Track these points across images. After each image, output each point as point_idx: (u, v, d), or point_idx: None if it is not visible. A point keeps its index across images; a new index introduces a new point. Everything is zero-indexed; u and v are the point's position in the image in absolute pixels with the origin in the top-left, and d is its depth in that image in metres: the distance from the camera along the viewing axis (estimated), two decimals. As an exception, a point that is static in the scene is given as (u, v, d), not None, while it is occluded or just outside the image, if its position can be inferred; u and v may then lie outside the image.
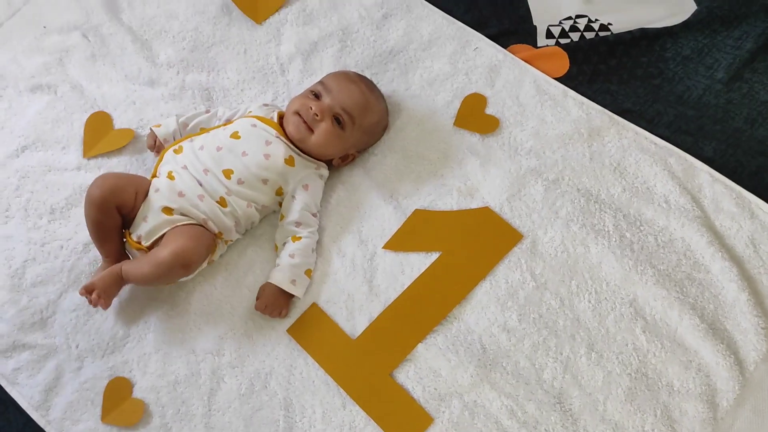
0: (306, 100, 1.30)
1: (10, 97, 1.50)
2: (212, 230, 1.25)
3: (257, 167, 1.27)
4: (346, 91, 1.30)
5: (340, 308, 1.27)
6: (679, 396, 1.17)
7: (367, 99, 1.32)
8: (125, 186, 1.25)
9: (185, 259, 1.19)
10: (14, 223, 1.38)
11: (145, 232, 1.24)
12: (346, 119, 1.29)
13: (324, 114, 1.28)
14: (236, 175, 1.26)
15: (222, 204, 1.25)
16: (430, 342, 1.23)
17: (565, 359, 1.20)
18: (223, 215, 1.25)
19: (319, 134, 1.29)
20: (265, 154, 1.28)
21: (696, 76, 1.42)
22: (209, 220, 1.24)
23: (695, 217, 1.28)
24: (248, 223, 1.30)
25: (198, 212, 1.24)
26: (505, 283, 1.26)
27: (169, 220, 1.23)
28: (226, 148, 1.27)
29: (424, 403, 1.19)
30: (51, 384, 1.25)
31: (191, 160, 1.27)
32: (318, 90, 1.31)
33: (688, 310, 1.21)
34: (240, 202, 1.26)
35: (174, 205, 1.24)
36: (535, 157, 1.36)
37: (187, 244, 1.19)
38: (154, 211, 1.23)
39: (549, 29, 1.49)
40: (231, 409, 1.21)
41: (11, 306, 1.31)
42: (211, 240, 1.24)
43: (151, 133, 1.38)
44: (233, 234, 1.29)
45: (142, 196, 1.26)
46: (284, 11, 1.54)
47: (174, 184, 1.25)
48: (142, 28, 1.55)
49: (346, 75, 1.35)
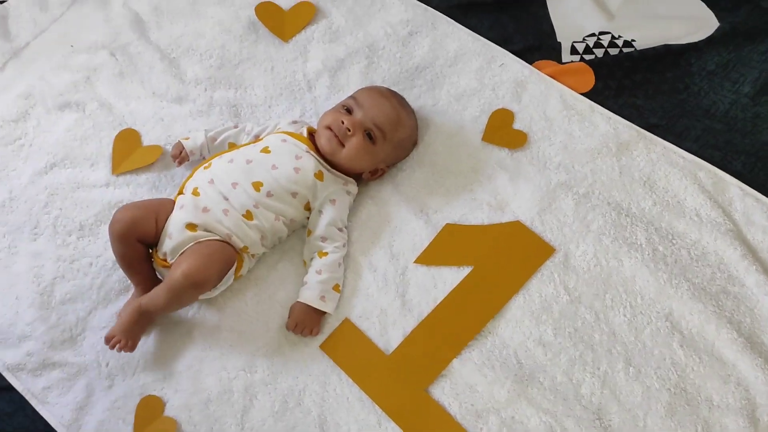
0: (338, 115, 1.31)
1: (39, 115, 1.51)
2: (236, 245, 1.25)
3: (287, 180, 1.27)
4: (377, 106, 1.31)
5: (373, 323, 1.26)
6: (719, 411, 1.15)
7: (398, 114, 1.33)
8: (144, 216, 1.25)
9: (195, 279, 1.18)
10: (43, 240, 1.37)
11: (169, 249, 1.23)
12: (377, 134, 1.30)
13: (355, 128, 1.29)
14: (266, 188, 1.26)
15: (248, 217, 1.25)
16: (465, 357, 1.22)
17: (603, 374, 1.19)
18: (248, 228, 1.25)
19: (350, 148, 1.29)
20: (296, 167, 1.28)
21: (722, 90, 1.43)
22: (233, 234, 1.24)
23: (727, 231, 1.28)
24: (275, 237, 1.30)
25: (222, 227, 1.23)
26: (538, 297, 1.25)
27: (192, 236, 1.23)
28: (256, 162, 1.28)
29: (461, 419, 1.18)
30: (82, 402, 1.24)
31: (219, 174, 1.28)
32: (350, 104, 1.32)
33: (725, 324, 1.20)
34: (268, 215, 1.26)
35: (197, 221, 1.23)
36: (565, 172, 1.36)
37: (197, 263, 1.18)
38: (178, 228, 1.23)
39: (573, 45, 1.50)
40: (265, 427, 1.20)
41: (41, 323, 1.30)
42: (230, 255, 1.23)
43: (178, 144, 1.39)
44: (259, 248, 1.28)
45: (164, 219, 1.26)
46: (310, 29, 1.56)
47: (198, 200, 1.25)
48: (169, 47, 1.56)
49: (377, 90, 1.36)
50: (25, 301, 1.32)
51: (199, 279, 1.18)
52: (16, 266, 1.36)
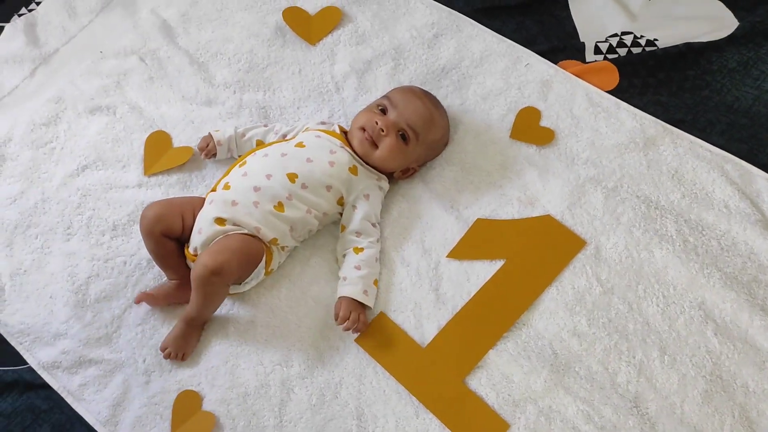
0: (372, 115, 1.32)
1: (69, 119, 1.53)
2: (265, 237, 1.25)
3: (321, 173, 1.28)
4: (411, 107, 1.32)
5: (408, 317, 1.27)
6: (755, 397, 1.16)
7: (431, 115, 1.35)
8: (168, 212, 1.27)
9: (212, 267, 1.17)
10: (77, 240, 1.39)
11: (199, 244, 1.25)
12: (410, 135, 1.31)
13: (389, 129, 1.31)
14: (300, 180, 1.27)
15: (279, 209, 1.25)
16: (500, 348, 1.23)
17: (639, 363, 1.20)
18: (278, 220, 1.25)
19: (383, 149, 1.31)
20: (330, 161, 1.30)
21: (743, 87, 1.45)
22: (262, 227, 1.24)
23: (756, 221, 1.29)
24: (305, 230, 1.30)
25: (251, 220, 1.24)
26: (571, 289, 1.26)
27: (221, 230, 1.24)
28: (291, 155, 1.30)
29: (499, 409, 1.18)
30: (119, 399, 1.24)
31: (254, 167, 1.29)
32: (384, 105, 1.34)
33: (758, 312, 1.21)
34: (300, 207, 1.27)
35: (226, 215, 1.24)
36: (593, 167, 1.38)
37: (215, 252, 1.20)
38: (207, 223, 1.25)
39: (597, 45, 1.53)
40: (303, 420, 1.20)
41: (76, 322, 1.31)
42: (255, 248, 1.23)
43: (207, 135, 1.41)
44: (288, 239, 1.28)
45: (191, 216, 1.28)
46: (337, 33, 1.59)
47: (228, 194, 1.27)
48: (198, 52, 1.59)
49: (411, 90, 1.37)
50: (60, 300, 1.33)
51: (216, 266, 1.17)
52: (50, 266, 1.37)
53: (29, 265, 1.37)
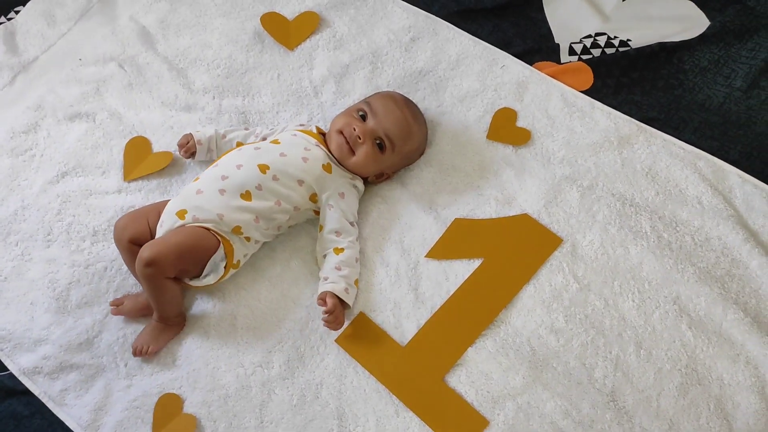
0: (351, 120, 1.33)
1: (49, 126, 1.53)
2: (228, 225, 1.24)
3: (294, 168, 1.29)
4: (391, 116, 1.33)
5: (387, 317, 1.28)
6: (730, 389, 1.18)
7: (410, 127, 1.36)
8: (134, 219, 1.29)
9: (147, 259, 1.18)
10: (57, 246, 1.39)
11: (160, 235, 1.26)
12: (387, 144, 1.33)
13: (366, 137, 1.32)
14: (272, 171, 1.28)
15: (246, 198, 1.26)
16: (479, 346, 1.24)
17: (615, 358, 1.21)
18: (242, 209, 1.25)
19: (359, 156, 1.32)
20: (304, 157, 1.31)
21: (715, 85, 1.48)
22: (224, 214, 1.24)
23: (729, 216, 1.31)
24: (273, 223, 1.29)
25: (213, 206, 1.24)
26: (548, 286, 1.28)
27: (181, 223, 1.24)
28: (264, 149, 1.31)
29: (478, 406, 1.19)
30: (100, 403, 1.24)
31: (226, 159, 1.31)
32: (364, 110, 1.34)
33: (732, 305, 1.23)
34: (269, 197, 1.27)
35: (187, 205, 1.25)
36: (569, 166, 1.40)
37: (154, 245, 1.21)
38: (169, 215, 1.26)
39: (571, 46, 1.55)
40: (284, 421, 1.21)
41: (56, 327, 1.31)
42: (206, 242, 1.22)
43: (188, 134, 1.42)
44: (253, 230, 1.27)
45: (157, 218, 1.28)
46: (315, 38, 1.60)
47: (195, 184, 1.29)
48: (177, 58, 1.60)
49: (392, 98, 1.37)
50: (40, 306, 1.33)
51: (149, 258, 1.18)
52: (31, 273, 1.37)
53: (9, 272, 1.37)
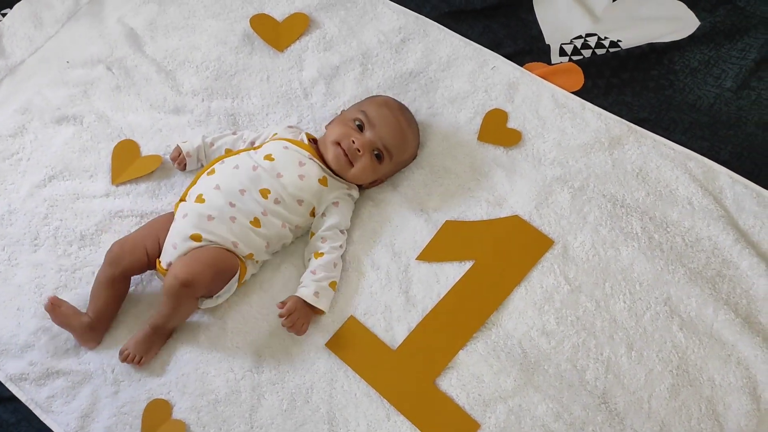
0: (348, 131, 1.32)
1: (36, 129, 1.52)
2: (241, 253, 1.26)
3: (293, 188, 1.28)
4: (388, 127, 1.32)
5: (378, 320, 1.27)
6: (721, 390, 1.18)
7: (406, 137, 1.35)
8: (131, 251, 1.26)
9: (183, 279, 1.18)
10: (44, 251, 1.37)
11: (173, 258, 1.24)
12: (385, 155, 1.32)
13: (365, 149, 1.30)
14: (273, 195, 1.27)
15: (255, 224, 1.26)
16: (470, 349, 1.23)
17: (606, 359, 1.21)
18: (255, 235, 1.26)
19: (358, 168, 1.31)
20: (300, 174, 1.30)
21: (705, 86, 1.48)
22: (239, 242, 1.25)
23: (719, 217, 1.31)
24: (279, 243, 1.31)
25: (228, 235, 1.24)
26: (540, 288, 1.27)
27: (196, 246, 1.23)
28: (262, 169, 1.29)
29: (469, 409, 1.19)
30: (87, 410, 1.23)
31: (226, 180, 1.28)
32: (361, 120, 1.33)
33: (722, 306, 1.23)
34: (275, 222, 1.27)
35: (202, 230, 1.24)
36: (559, 167, 1.39)
37: (187, 264, 1.20)
38: (183, 239, 1.24)
39: (562, 47, 1.55)
40: (274, 426, 1.20)
41: (43, 333, 1.29)
42: (228, 261, 1.23)
43: (177, 147, 1.41)
44: (263, 255, 1.29)
45: (155, 245, 1.27)
46: (304, 39, 1.59)
47: (203, 207, 1.26)
48: (165, 60, 1.59)
49: (388, 107, 1.36)
50: (27, 312, 1.32)
51: (187, 279, 1.18)
52: (17, 278, 1.36)
53: (-5, 277, 1.36)
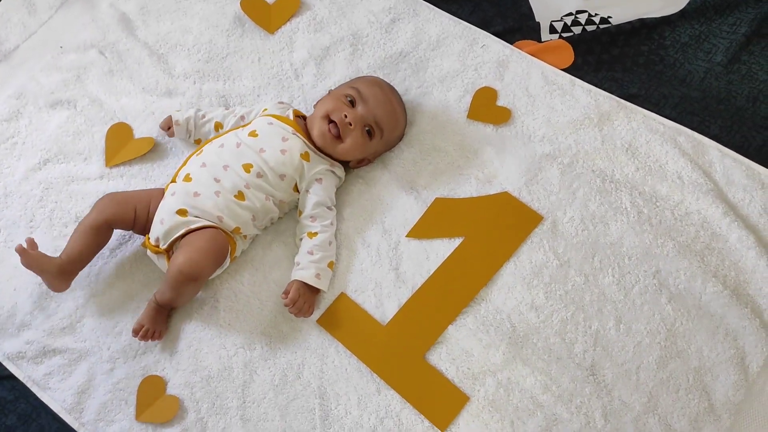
0: (340, 105, 1.32)
1: (30, 114, 1.53)
2: (228, 227, 1.26)
3: (275, 162, 1.29)
4: (381, 105, 1.33)
5: (369, 296, 1.28)
6: (709, 361, 1.18)
7: (397, 115, 1.36)
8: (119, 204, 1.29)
9: (191, 274, 1.20)
10: (39, 232, 1.39)
11: (161, 234, 1.26)
12: (375, 131, 1.33)
13: (357, 124, 1.31)
14: (255, 169, 1.28)
15: (240, 198, 1.27)
16: (460, 323, 1.24)
17: (595, 332, 1.22)
18: (239, 209, 1.27)
19: (349, 144, 1.31)
20: (282, 149, 1.31)
21: (696, 60, 1.47)
22: (224, 216, 1.26)
23: (708, 191, 1.31)
24: (266, 217, 1.32)
25: (213, 209, 1.25)
26: (529, 263, 1.28)
27: (183, 221, 1.25)
28: (245, 145, 1.30)
29: (459, 382, 1.20)
30: (83, 386, 1.25)
31: (211, 158, 1.30)
32: (353, 96, 1.33)
33: (711, 278, 1.24)
34: (259, 195, 1.28)
35: (188, 205, 1.26)
36: (549, 143, 1.40)
37: (191, 258, 1.21)
38: (169, 213, 1.26)
39: (552, 25, 1.55)
40: (266, 400, 1.21)
41: (39, 313, 1.31)
42: (222, 243, 1.25)
43: (169, 116, 1.43)
44: (251, 228, 1.30)
45: (146, 209, 1.29)
46: (295, 21, 1.59)
47: (190, 185, 1.28)
48: (157, 43, 1.59)
49: (379, 86, 1.36)
50: (23, 292, 1.34)
51: (195, 273, 1.21)
52: (14, 259, 1.35)
53: (-8, 259, 1.38)
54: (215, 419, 1.20)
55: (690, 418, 1.15)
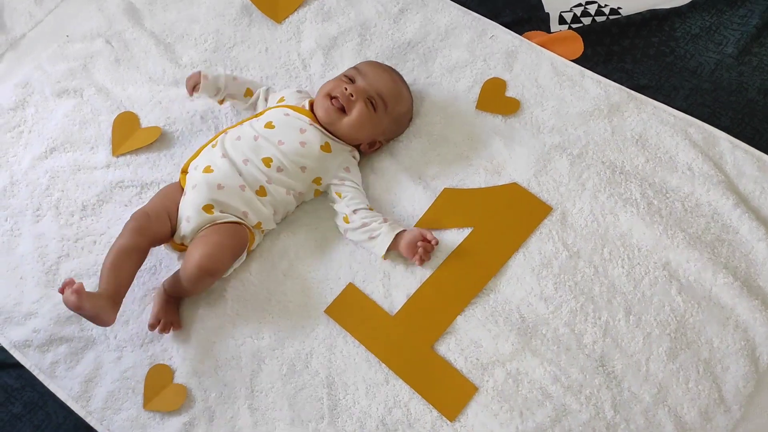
0: (340, 83, 1.33)
1: (36, 103, 1.53)
2: (251, 222, 1.26)
3: (295, 155, 1.29)
4: (380, 78, 1.34)
5: (377, 286, 1.28)
6: (719, 353, 1.18)
7: (399, 88, 1.36)
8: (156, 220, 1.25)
9: (208, 269, 1.20)
10: (46, 221, 1.39)
11: (188, 232, 1.25)
12: (379, 103, 1.32)
13: (358, 95, 1.30)
14: (275, 164, 1.28)
15: (261, 193, 1.27)
16: (468, 314, 1.24)
17: (604, 324, 1.21)
18: (261, 205, 1.27)
19: (353, 116, 1.30)
20: (301, 141, 1.30)
21: (707, 52, 1.47)
22: (249, 211, 1.25)
23: (719, 182, 1.31)
24: (284, 211, 1.32)
25: (239, 204, 1.25)
26: (538, 254, 1.28)
27: (210, 218, 1.24)
28: (263, 138, 1.30)
29: (467, 373, 1.19)
30: (90, 375, 1.24)
31: (231, 150, 1.29)
32: (352, 74, 1.34)
33: (721, 270, 1.23)
34: (279, 190, 1.28)
35: (212, 200, 1.25)
36: (558, 134, 1.39)
37: (208, 253, 1.20)
38: (196, 210, 1.25)
39: (561, 15, 1.54)
40: (274, 390, 1.21)
41: (46, 301, 1.31)
42: (242, 238, 1.25)
43: (197, 72, 1.40)
44: (271, 223, 1.30)
45: (176, 214, 1.27)
46: (303, 10, 1.59)
47: (212, 177, 1.26)
48: (164, 33, 1.59)
49: (378, 64, 1.39)
50: (30, 280, 1.33)
51: (212, 268, 1.21)
52: (20, 248, 1.37)
53: (-1, 247, 1.37)
54: (223, 408, 1.20)
55: (700, 410, 1.14)
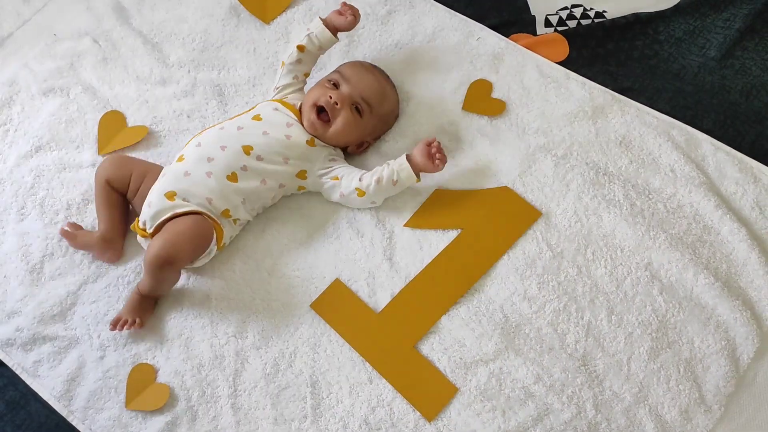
0: (324, 90, 1.33)
1: (23, 101, 1.52)
2: (217, 209, 1.25)
3: (278, 145, 1.29)
4: (363, 80, 1.34)
5: (362, 286, 1.28)
6: (700, 352, 1.19)
7: (383, 88, 1.37)
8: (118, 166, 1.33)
9: (164, 257, 1.18)
10: (31, 219, 1.38)
11: (148, 217, 1.25)
12: (364, 107, 1.33)
13: (343, 102, 1.31)
14: (255, 152, 1.28)
15: (232, 179, 1.26)
16: (452, 314, 1.24)
17: (587, 323, 1.22)
18: (230, 190, 1.26)
19: (339, 123, 1.31)
20: (287, 134, 1.30)
21: (690, 55, 1.48)
22: (214, 198, 1.25)
23: (701, 184, 1.32)
24: (257, 202, 1.31)
25: (202, 190, 1.24)
26: (522, 254, 1.28)
27: (170, 205, 1.24)
28: (248, 128, 1.30)
29: (450, 372, 1.20)
30: (73, 374, 1.24)
31: (208, 139, 1.30)
32: (336, 79, 1.34)
33: (703, 270, 1.24)
34: (254, 178, 1.27)
35: (176, 187, 1.25)
36: (543, 136, 1.40)
37: (165, 242, 1.19)
38: (158, 196, 1.25)
39: (547, 18, 1.55)
40: (257, 389, 1.21)
41: (30, 300, 1.30)
42: (204, 229, 1.23)
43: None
44: (241, 212, 1.28)
45: (139, 180, 1.30)
46: (291, 11, 1.59)
47: (181, 165, 1.28)
48: (152, 32, 1.59)
49: (361, 64, 1.39)
50: (14, 279, 1.33)
51: (168, 257, 1.19)
52: (4, 246, 1.36)
53: (-18, 246, 1.37)
54: (205, 407, 1.20)
55: (681, 409, 1.15)
